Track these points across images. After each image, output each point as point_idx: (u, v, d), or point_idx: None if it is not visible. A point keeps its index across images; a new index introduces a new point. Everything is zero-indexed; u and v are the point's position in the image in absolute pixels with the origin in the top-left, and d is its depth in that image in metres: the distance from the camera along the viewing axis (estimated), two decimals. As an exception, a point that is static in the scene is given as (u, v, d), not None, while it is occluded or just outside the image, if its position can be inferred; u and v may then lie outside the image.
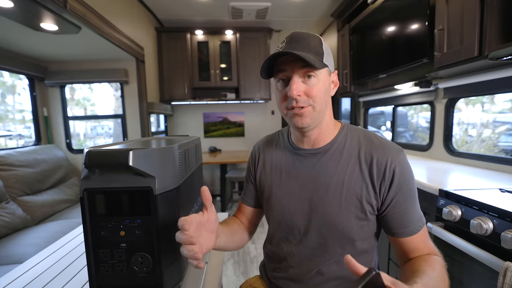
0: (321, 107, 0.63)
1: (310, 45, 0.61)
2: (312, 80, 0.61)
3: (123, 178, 0.52)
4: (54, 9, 1.43)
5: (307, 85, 0.61)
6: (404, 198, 0.61)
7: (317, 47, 0.62)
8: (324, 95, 0.63)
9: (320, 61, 0.61)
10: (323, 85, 0.62)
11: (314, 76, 0.61)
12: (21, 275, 0.71)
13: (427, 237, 0.64)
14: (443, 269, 0.58)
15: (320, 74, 0.62)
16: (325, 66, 0.62)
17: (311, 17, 3.19)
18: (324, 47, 0.63)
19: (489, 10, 1.13)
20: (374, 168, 0.62)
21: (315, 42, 0.62)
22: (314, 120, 0.63)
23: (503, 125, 1.84)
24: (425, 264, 0.57)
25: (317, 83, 0.61)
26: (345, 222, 0.63)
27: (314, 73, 0.61)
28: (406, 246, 0.63)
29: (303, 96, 0.61)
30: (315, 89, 0.61)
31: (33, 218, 1.95)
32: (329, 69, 0.65)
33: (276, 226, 0.73)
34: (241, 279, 1.92)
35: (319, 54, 0.61)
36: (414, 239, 0.62)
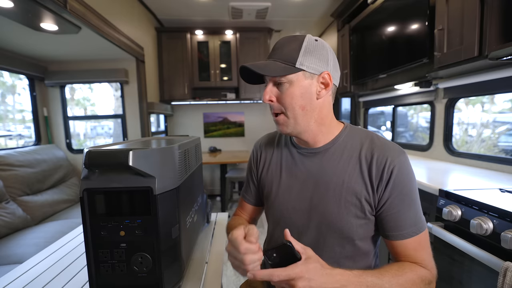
0: (294, 113, 0.62)
1: (284, 52, 0.62)
2: (283, 85, 0.62)
3: (123, 178, 0.52)
4: (54, 9, 1.43)
5: (279, 90, 0.63)
6: (399, 201, 0.60)
7: (291, 52, 0.61)
8: (298, 100, 0.62)
9: (290, 66, 0.60)
10: (298, 90, 0.61)
11: (285, 82, 0.61)
12: (21, 275, 0.71)
13: (422, 247, 0.61)
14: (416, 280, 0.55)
15: (292, 79, 0.61)
16: (297, 70, 0.60)
17: (311, 17, 3.19)
18: (303, 50, 0.60)
19: (489, 10, 1.13)
20: (373, 168, 0.61)
21: (293, 46, 0.61)
22: (292, 128, 0.64)
23: (503, 125, 1.84)
24: (395, 268, 0.56)
25: (289, 88, 0.61)
26: (345, 221, 0.63)
27: (284, 79, 0.61)
28: (396, 250, 0.62)
29: (275, 103, 0.64)
30: (286, 94, 0.62)
31: (33, 218, 1.95)
32: (309, 72, 0.61)
33: (276, 224, 0.74)
34: (241, 279, 1.92)
35: (290, 60, 0.60)
36: (404, 244, 0.60)
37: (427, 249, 0.62)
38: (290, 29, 3.56)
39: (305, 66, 0.61)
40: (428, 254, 0.61)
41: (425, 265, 0.59)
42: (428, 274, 0.58)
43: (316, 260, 0.50)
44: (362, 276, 0.51)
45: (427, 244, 0.62)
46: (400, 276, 0.54)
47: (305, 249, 0.51)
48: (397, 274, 0.54)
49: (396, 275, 0.54)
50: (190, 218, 0.72)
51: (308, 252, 0.51)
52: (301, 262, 0.48)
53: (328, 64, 0.63)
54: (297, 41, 0.62)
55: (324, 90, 0.63)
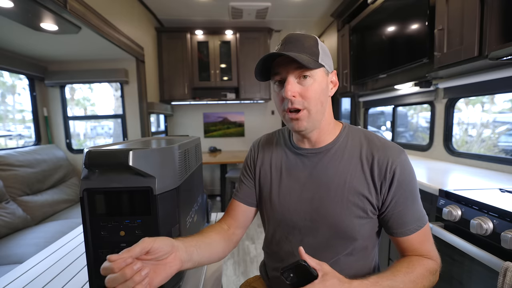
0: (316, 108, 0.62)
1: (304, 46, 0.61)
2: (307, 80, 0.61)
3: (123, 178, 0.52)
4: (54, 9, 1.43)
5: (302, 85, 0.61)
6: (403, 199, 0.61)
7: (312, 47, 0.61)
8: (320, 95, 0.62)
9: (315, 61, 0.61)
10: (319, 86, 0.62)
11: (310, 77, 0.61)
12: (21, 275, 0.71)
13: (426, 239, 0.63)
14: (425, 273, 0.58)
15: (315, 74, 0.61)
16: (321, 66, 0.62)
17: (311, 17, 3.19)
18: (320, 47, 0.62)
19: (489, 10, 1.13)
20: (375, 169, 0.62)
21: (310, 42, 0.62)
22: (311, 123, 0.64)
23: (503, 125, 1.84)
24: (405, 265, 0.59)
25: (313, 84, 0.61)
26: (347, 221, 0.63)
27: (309, 73, 0.60)
28: (402, 245, 0.64)
29: (298, 97, 0.61)
30: (310, 89, 0.61)
31: (33, 218, 1.95)
32: (326, 69, 0.64)
33: (276, 225, 0.73)
34: (241, 279, 1.92)
35: (314, 54, 0.61)
36: (410, 239, 0.62)
37: (430, 239, 0.64)
38: (290, 29, 3.56)
39: (324, 62, 0.62)
40: (431, 244, 0.64)
41: (430, 256, 0.62)
42: (434, 264, 0.61)
43: (333, 276, 0.50)
44: (378, 283, 0.53)
45: (430, 235, 0.65)
46: (411, 273, 0.57)
47: (321, 265, 0.51)
48: (408, 272, 0.57)
49: (408, 273, 0.56)
50: (190, 218, 0.72)
51: (324, 268, 0.51)
52: (318, 280, 0.48)
53: (332, 64, 0.66)
54: (311, 38, 0.63)
55: (334, 88, 0.66)
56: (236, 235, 0.74)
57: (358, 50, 2.46)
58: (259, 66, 0.63)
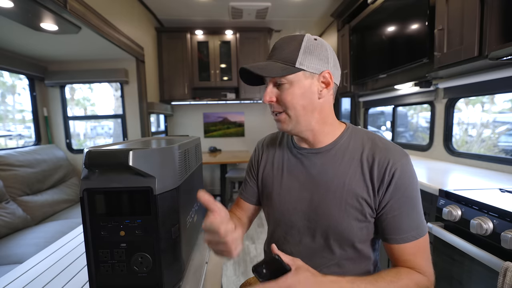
0: (295, 112, 0.62)
1: (283, 52, 0.62)
2: (283, 86, 0.62)
3: (123, 178, 0.52)
4: (54, 9, 1.43)
5: (279, 91, 0.63)
6: (400, 204, 0.59)
7: (291, 52, 0.61)
8: (299, 99, 0.61)
9: (290, 66, 0.60)
10: (298, 89, 0.61)
11: (285, 83, 0.61)
12: (21, 275, 0.71)
13: (421, 252, 0.59)
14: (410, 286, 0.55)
15: (292, 79, 0.61)
16: (295, 71, 0.60)
17: (311, 17, 3.19)
18: (302, 50, 0.60)
19: (489, 10, 1.13)
20: (375, 170, 0.61)
21: (291, 47, 0.61)
22: (292, 126, 0.64)
23: (503, 125, 1.85)
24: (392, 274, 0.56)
25: (289, 88, 0.61)
26: (345, 223, 0.62)
27: (284, 80, 0.61)
28: (394, 254, 0.61)
29: (276, 103, 0.64)
30: (286, 94, 0.62)
31: (33, 218, 1.95)
32: (309, 72, 0.61)
33: (276, 225, 0.73)
34: (241, 279, 1.92)
35: (290, 60, 0.60)
36: (403, 248, 0.59)
37: (426, 254, 0.60)
38: (290, 29, 3.56)
39: (305, 66, 0.60)
40: (426, 259, 0.60)
41: (423, 271, 0.58)
42: (425, 280, 0.57)
43: (306, 269, 0.50)
44: (355, 283, 0.51)
45: (427, 249, 0.61)
46: (396, 282, 0.54)
47: (294, 260, 0.51)
48: (392, 281, 0.54)
49: (392, 282, 0.54)
50: (190, 218, 0.72)
51: (297, 263, 0.51)
52: (292, 273, 0.48)
53: (328, 62, 0.63)
54: (296, 41, 0.62)
55: (325, 89, 0.63)
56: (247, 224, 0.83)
57: (358, 50, 2.46)
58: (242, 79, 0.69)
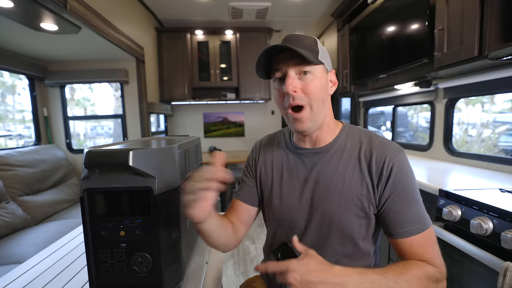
0: (318, 104, 0.62)
1: (304, 44, 0.62)
2: (308, 76, 0.61)
3: (123, 178, 0.52)
4: (54, 9, 1.43)
5: (303, 81, 0.61)
6: (400, 198, 0.60)
7: (311, 45, 0.63)
8: (321, 92, 0.62)
9: (315, 57, 0.61)
10: (320, 82, 0.62)
11: (310, 72, 0.61)
12: (21, 275, 0.71)
13: (429, 244, 0.59)
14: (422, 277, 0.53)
15: (316, 70, 0.62)
16: (321, 63, 0.62)
17: (311, 17, 3.19)
18: (319, 46, 0.64)
19: (489, 10, 1.13)
20: (373, 166, 0.62)
21: (309, 41, 0.63)
22: (313, 122, 0.63)
23: (503, 125, 1.84)
24: (401, 266, 0.55)
25: (313, 79, 0.61)
26: (346, 221, 0.63)
27: (310, 69, 0.61)
28: (402, 248, 0.61)
29: (299, 93, 0.61)
30: (311, 85, 0.61)
31: (33, 218, 1.95)
32: (326, 67, 0.65)
33: (277, 225, 0.73)
34: (241, 279, 1.92)
35: (314, 51, 0.62)
36: (410, 241, 0.59)
37: (434, 246, 0.60)
38: (290, 29, 3.56)
39: (323, 60, 0.63)
40: (436, 251, 0.60)
41: (433, 262, 0.58)
42: (436, 271, 0.56)
43: (313, 257, 0.51)
44: (364, 273, 0.50)
45: (434, 241, 0.61)
46: (406, 273, 0.53)
47: (306, 250, 0.53)
48: (402, 272, 0.53)
49: (401, 273, 0.53)
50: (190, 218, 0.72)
51: (307, 251, 0.52)
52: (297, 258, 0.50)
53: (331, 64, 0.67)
54: (310, 37, 0.64)
55: (333, 87, 0.67)
56: (240, 230, 0.75)
57: (358, 50, 2.46)
58: (261, 60, 0.63)
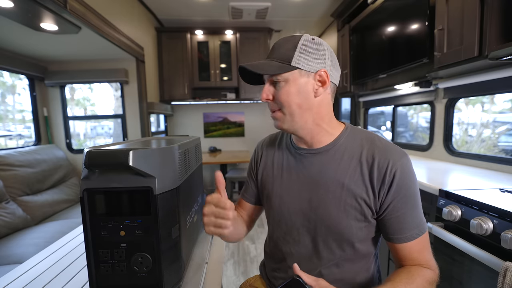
0: (291, 110, 0.63)
1: (280, 51, 0.63)
2: (279, 84, 0.63)
3: (123, 178, 0.52)
4: (54, 9, 1.43)
5: (275, 89, 0.64)
6: (402, 204, 0.60)
7: (287, 51, 0.62)
8: (294, 98, 0.62)
9: (286, 64, 0.61)
10: (294, 88, 0.62)
11: (281, 81, 0.62)
12: (21, 275, 0.71)
13: (425, 248, 0.62)
14: (425, 285, 0.57)
15: (287, 77, 0.61)
16: (292, 68, 0.61)
17: (311, 17, 3.19)
18: (299, 49, 0.61)
19: (489, 10, 1.13)
20: (374, 171, 0.60)
21: (288, 46, 0.62)
22: (288, 124, 0.65)
23: (503, 125, 1.84)
24: (405, 276, 0.57)
25: (284, 87, 0.62)
26: (344, 224, 0.62)
27: (280, 78, 0.62)
28: (401, 253, 0.62)
29: (272, 101, 0.66)
30: (281, 92, 0.63)
31: (33, 218, 1.95)
32: (304, 70, 0.62)
33: (276, 225, 0.74)
34: (241, 279, 1.92)
35: (285, 59, 0.61)
36: (409, 246, 0.61)
37: (429, 248, 0.63)
38: (290, 29, 3.56)
39: (300, 64, 0.61)
40: (430, 253, 0.63)
41: (429, 265, 0.61)
42: (433, 274, 0.60)
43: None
44: None
45: (429, 243, 0.63)
46: (411, 283, 0.55)
47: (317, 281, 0.51)
48: (408, 283, 0.56)
49: (407, 283, 0.55)
50: (190, 218, 0.72)
51: (320, 284, 0.50)
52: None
53: (325, 62, 0.63)
54: (293, 40, 0.63)
55: (321, 88, 0.63)
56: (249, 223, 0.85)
57: (358, 50, 2.46)
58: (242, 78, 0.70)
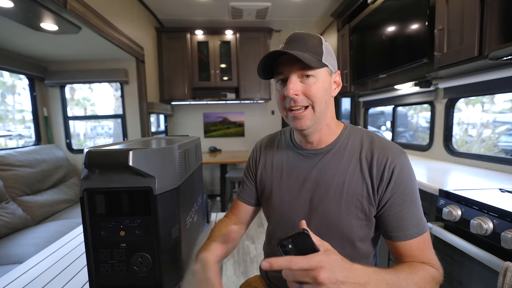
0: (320, 107, 0.62)
1: (308, 45, 0.61)
2: (310, 79, 0.61)
3: (123, 178, 0.52)
4: (54, 9, 1.43)
5: (305, 84, 0.61)
6: (400, 201, 0.59)
7: (316, 47, 0.61)
8: (323, 94, 0.62)
9: (319, 60, 0.60)
10: (322, 85, 0.62)
11: (313, 76, 0.60)
12: (21, 275, 0.71)
13: (426, 247, 0.60)
14: (428, 279, 0.54)
15: (318, 73, 0.61)
16: (324, 65, 0.61)
17: (311, 17, 3.19)
18: (324, 47, 0.63)
19: (489, 10, 1.13)
20: (374, 168, 0.61)
21: (314, 41, 0.62)
22: (314, 122, 0.63)
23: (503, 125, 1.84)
24: (407, 267, 0.55)
25: (316, 82, 0.61)
26: (345, 222, 0.63)
27: (312, 73, 0.60)
28: (400, 251, 0.61)
29: (301, 96, 0.61)
30: (313, 88, 0.60)
31: (33, 218, 1.95)
32: (330, 69, 0.63)
33: (276, 224, 0.73)
34: (241, 279, 1.92)
35: (317, 54, 0.61)
36: (409, 244, 0.59)
37: (431, 248, 0.61)
38: (290, 29, 3.56)
39: (328, 62, 0.62)
40: (433, 253, 0.61)
41: (433, 264, 0.59)
42: (437, 273, 0.57)
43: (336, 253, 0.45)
44: (381, 274, 0.49)
45: (430, 244, 0.62)
46: (414, 274, 0.53)
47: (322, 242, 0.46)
48: (411, 272, 0.53)
49: (411, 273, 0.53)
50: (190, 218, 0.72)
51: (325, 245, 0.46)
52: (321, 252, 0.43)
53: (337, 63, 0.66)
54: (316, 37, 0.63)
55: (337, 88, 0.66)
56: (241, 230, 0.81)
57: (358, 50, 2.46)
58: (261, 64, 0.63)
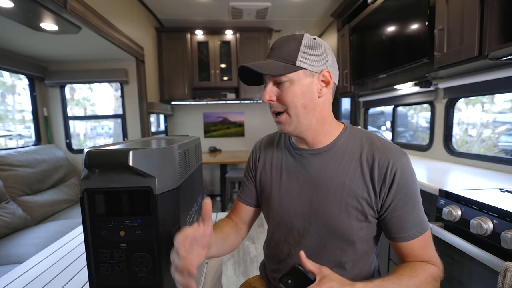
0: (296, 111, 0.62)
1: (282, 51, 0.62)
2: (283, 84, 0.61)
3: (123, 178, 0.52)
4: (54, 9, 1.43)
5: (279, 89, 0.63)
6: (403, 203, 0.60)
7: (291, 51, 0.61)
8: (300, 98, 0.61)
9: (291, 65, 0.60)
10: (300, 88, 0.61)
11: (286, 81, 0.61)
12: (21, 275, 0.71)
13: (428, 245, 0.62)
14: (429, 279, 0.57)
15: (292, 77, 0.60)
16: (296, 69, 0.60)
17: (311, 17, 3.19)
18: (302, 49, 0.61)
19: (489, 10, 1.13)
20: (375, 171, 0.61)
21: (291, 46, 0.61)
22: (293, 126, 0.64)
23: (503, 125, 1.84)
24: (409, 270, 0.57)
25: (289, 87, 0.61)
26: (345, 224, 0.62)
27: (285, 78, 0.61)
28: (403, 251, 0.62)
29: (276, 102, 0.64)
30: (287, 93, 0.61)
31: (33, 218, 1.95)
32: (309, 70, 0.61)
33: (276, 226, 0.73)
34: (241, 279, 1.92)
35: (290, 59, 0.60)
36: (411, 244, 0.61)
37: (432, 246, 0.63)
38: (290, 29, 3.56)
39: (305, 65, 0.61)
40: (434, 250, 0.63)
41: (433, 261, 0.61)
42: (438, 270, 0.60)
43: (332, 279, 0.48)
44: (384, 286, 0.52)
45: (431, 241, 0.63)
46: (416, 277, 0.55)
47: (320, 269, 0.50)
48: (412, 276, 0.55)
49: (412, 277, 0.55)
50: (190, 218, 0.72)
51: (323, 272, 0.49)
52: (315, 284, 0.47)
53: (327, 61, 0.63)
54: (295, 40, 0.62)
55: (325, 88, 0.63)
56: (243, 229, 0.80)
57: (358, 50, 2.46)
58: (241, 78, 0.67)
